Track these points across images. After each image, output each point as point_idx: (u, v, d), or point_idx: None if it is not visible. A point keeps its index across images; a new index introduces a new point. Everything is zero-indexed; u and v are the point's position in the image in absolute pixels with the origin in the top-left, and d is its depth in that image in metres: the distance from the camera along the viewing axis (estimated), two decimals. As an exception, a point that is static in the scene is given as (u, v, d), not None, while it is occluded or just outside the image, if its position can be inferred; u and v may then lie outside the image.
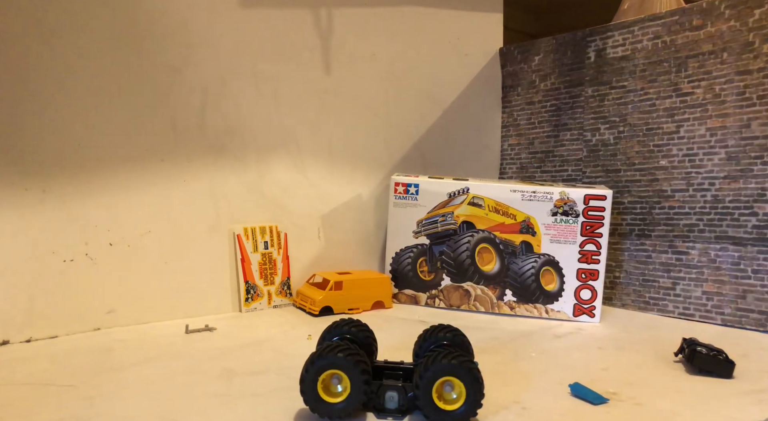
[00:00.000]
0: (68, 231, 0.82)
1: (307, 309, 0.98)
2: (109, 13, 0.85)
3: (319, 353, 0.52)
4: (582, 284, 0.99)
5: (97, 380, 0.64)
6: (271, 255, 1.02)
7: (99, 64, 0.84)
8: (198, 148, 0.94)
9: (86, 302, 0.84)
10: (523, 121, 1.30)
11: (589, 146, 1.16)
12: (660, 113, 1.04)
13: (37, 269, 0.80)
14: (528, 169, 1.30)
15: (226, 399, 0.59)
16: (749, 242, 0.93)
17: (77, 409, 0.56)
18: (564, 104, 1.21)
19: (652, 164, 1.05)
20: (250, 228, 1.00)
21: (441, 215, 1.06)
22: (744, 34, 0.93)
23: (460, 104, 1.30)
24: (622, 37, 1.09)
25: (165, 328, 0.87)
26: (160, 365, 0.70)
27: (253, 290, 0.99)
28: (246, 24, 0.98)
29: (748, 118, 0.93)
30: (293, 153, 1.06)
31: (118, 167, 0.87)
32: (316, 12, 1.07)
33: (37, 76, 0.79)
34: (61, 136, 0.81)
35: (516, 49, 1.31)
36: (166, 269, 0.91)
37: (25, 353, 0.74)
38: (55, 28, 0.80)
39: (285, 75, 1.04)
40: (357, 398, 0.52)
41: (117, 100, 0.86)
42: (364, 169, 1.16)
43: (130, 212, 0.88)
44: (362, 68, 1.14)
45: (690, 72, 1.00)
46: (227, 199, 0.98)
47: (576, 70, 1.18)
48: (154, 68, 0.89)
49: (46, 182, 0.81)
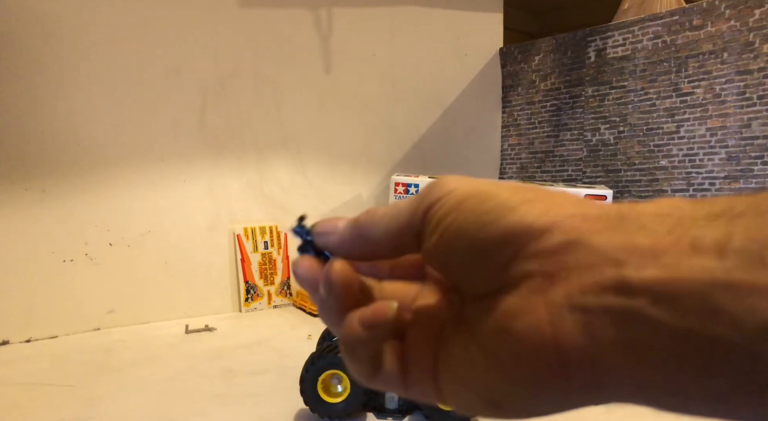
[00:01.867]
0: (68, 231, 0.82)
1: (307, 309, 0.98)
2: (109, 13, 0.85)
3: (319, 353, 0.52)
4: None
5: (96, 380, 0.64)
6: (271, 255, 1.02)
7: (99, 64, 0.84)
8: (198, 148, 0.94)
9: (86, 302, 0.84)
10: (523, 121, 1.30)
11: (590, 146, 1.16)
12: (660, 113, 1.04)
13: (37, 269, 0.80)
14: (528, 169, 1.29)
15: (226, 399, 0.59)
16: (749, 242, 0.93)
17: (77, 409, 0.56)
18: (564, 104, 1.21)
19: (653, 164, 1.05)
20: (250, 228, 1.00)
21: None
22: (744, 34, 0.93)
23: (460, 104, 1.30)
24: (622, 37, 1.09)
25: (165, 328, 0.87)
26: (160, 365, 0.69)
27: (253, 290, 0.99)
28: (246, 24, 0.98)
29: (749, 118, 0.93)
30: (293, 153, 1.06)
31: (118, 167, 0.87)
32: (316, 12, 1.07)
33: (37, 76, 0.79)
34: (61, 136, 0.81)
35: (516, 49, 1.31)
36: (166, 269, 0.91)
37: (25, 353, 0.74)
38: (55, 28, 0.80)
39: (285, 75, 1.04)
40: (357, 398, 0.52)
41: (117, 100, 0.86)
42: (364, 169, 1.16)
43: (130, 212, 0.88)
44: (362, 68, 1.14)
45: (690, 72, 1.00)
46: (227, 199, 0.98)
47: (576, 70, 1.18)
48: (154, 68, 0.89)
49: (46, 182, 0.81)
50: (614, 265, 0.15)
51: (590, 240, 0.16)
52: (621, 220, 0.16)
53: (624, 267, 0.15)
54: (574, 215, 0.16)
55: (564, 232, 0.16)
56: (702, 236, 0.14)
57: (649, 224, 0.15)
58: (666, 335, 0.14)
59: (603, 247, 0.15)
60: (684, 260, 0.14)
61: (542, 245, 0.16)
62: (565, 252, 0.16)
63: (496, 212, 0.17)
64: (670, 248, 0.14)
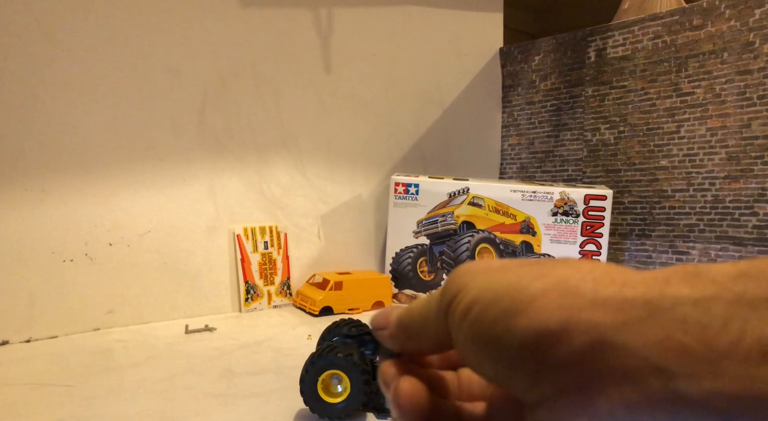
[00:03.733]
0: (68, 231, 0.82)
1: (307, 309, 0.98)
2: (109, 13, 0.85)
3: (319, 353, 0.52)
4: (582, 284, 0.98)
5: (96, 380, 0.64)
6: (271, 255, 1.02)
7: (99, 64, 0.84)
8: (198, 148, 0.94)
9: (86, 302, 0.84)
10: (523, 121, 1.30)
11: (590, 146, 1.16)
12: (660, 113, 1.04)
13: (37, 269, 0.80)
14: (528, 169, 1.29)
15: (226, 399, 0.59)
16: (749, 242, 0.93)
17: (77, 409, 0.56)
18: (564, 104, 1.21)
19: (653, 164, 1.05)
20: (250, 228, 1.00)
21: (441, 215, 1.06)
22: (744, 33, 0.93)
23: (460, 104, 1.30)
24: (622, 37, 1.09)
25: (165, 328, 0.87)
26: (159, 365, 0.69)
27: (253, 290, 0.99)
28: (246, 24, 0.98)
29: (749, 118, 0.93)
30: (293, 153, 1.06)
31: (118, 167, 0.87)
32: (316, 12, 1.07)
33: (37, 76, 0.79)
34: (61, 136, 0.81)
35: (516, 49, 1.31)
36: (166, 269, 0.91)
37: (25, 353, 0.74)
38: (55, 28, 0.80)
39: (285, 75, 1.04)
40: (357, 398, 0.52)
41: (117, 100, 0.86)
42: (364, 169, 1.16)
43: (130, 212, 0.88)
44: (362, 68, 1.14)
45: (690, 72, 1.00)
46: (227, 199, 0.98)
47: (576, 69, 1.18)
48: (154, 68, 0.89)
49: (46, 182, 0.80)
50: (658, 374, 0.12)
51: (618, 339, 0.13)
52: (651, 309, 0.13)
53: (673, 378, 0.12)
54: (592, 304, 0.14)
55: (583, 330, 0.14)
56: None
57: (690, 316, 0.12)
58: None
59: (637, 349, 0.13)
60: (755, 370, 0.11)
61: (564, 352, 0.14)
62: (593, 358, 0.13)
63: (504, 321, 0.15)
64: (730, 350, 0.11)
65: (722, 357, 0.11)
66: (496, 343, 0.15)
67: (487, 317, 0.15)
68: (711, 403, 0.11)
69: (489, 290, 0.16)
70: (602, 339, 0.13)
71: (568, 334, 0.14)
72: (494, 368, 0.16)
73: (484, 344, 0.16)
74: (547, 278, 0.15)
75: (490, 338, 0.15)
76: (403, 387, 0.19)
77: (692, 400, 0.12)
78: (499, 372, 0.16)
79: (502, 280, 0.16)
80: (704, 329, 0.12)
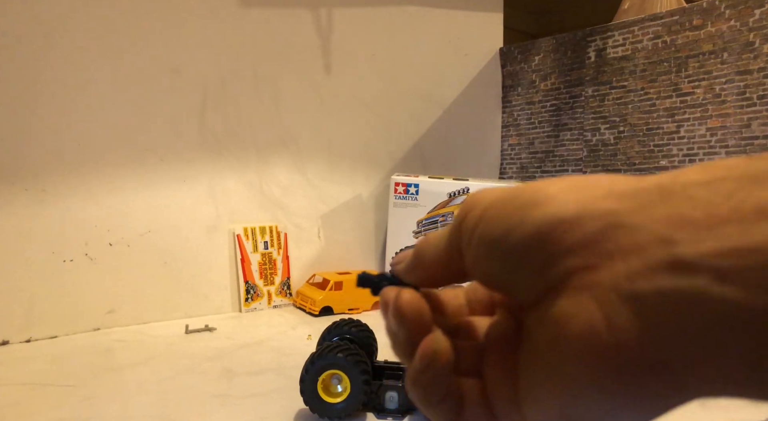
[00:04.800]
0: (68, 231, 0.82)
1: (307, 309, 0.98)
2: (109, 13, 0.85)
3: (319, 353, 0.52)
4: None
5: (96, 381, 0.64)
6: (271, 255, 1.02)
7: (99, 64, 0.84)
8: (198, 148, 0.94)
9: (86, 302, 0.84)
10: (523, 121, 1.30)
11: (590, 146, 1.16)
12: (660, 113, 1.04)
13: (37, 269, 0.80)
14: (528, 169, 1.29)
15: (226, 399, 0.59)
16: (749, 242, 0.93)
17: (77, 409, 0.56)
18: (564, 104, 1.21)
19: (653, 164, 1.05)
20: (250, 228, 1.00)
21: (441, 215, 1.06)
22: (744, 34, 0.93)
23: (460, 104, 1.30)
24: (622, 37, 1.09)
25: (165, 328, 0.87)
26: (160, 365, 0.69)
27: (253, 290, 0.99)
28: (246, 24, 0.98)
29: (749, 118, 0.93)
30: (293, 153, 1.06)
31: (118, 167, 0.87)
32: (316, 12, 1.07)
33: (37, 76, 0.79)
34: (61, 136, 0.81)
35: (516, 49, 1.31)
36: (166, 269, 0.91)
37: (25, 353, 0.74)
38: (55, 28, 0.80)
39: (285, 75, 1.04)
40: (357, 398, 0.52)
41: (117, 101, 0.86)
42: (364, 169, 1.16)
43: (130, 212, 0.88)
44: (362, 68, 1.14)
45: (690, 72, 1.00)
46: (227, 199, 0.98)
47: (576, 70, 1.18)
48: (154, 68, 0.89)
49: (46, 182, 0.81)
50: (662, 243, 0.13)
51: (630, 220, 0.14)
52: (663, 193, 0.14)
53: (675, 245, 0.13)
54: (607, 195, 0.15)
55: (597, 216, 0.14)
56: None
57: (698, 194, 0.13)
58: (740, 316, 0.12)
59: (646, 226, 0.13)
60: (750, 227, 0.12)
61: (577, 236, 0.14)
62: (603, 239, 0.14)
63: (520, 212, 0.16)
64: (730, 216, 0.12)
65: (722, 223, 0.12)
66: (510, 235, 0.16)
67: (505, 212, 0.16)
68: (705, 262, 0.12)
69: (505, 193, 0.17)
70: (615, 223, 0.14)
71: (582, 220, 0.14)
72: (502, 266, 0.16)
73: (494, 241, 0.16)
74: (564, 182, 0.16)
75: (504, 230, 0.16)
76: (405, 296, 0.19)
77: (689, 262, 0.12)
78: (508, 269, 0.16)
79: (519, 186, 0.17)
80: (710, 204, 0.13)
